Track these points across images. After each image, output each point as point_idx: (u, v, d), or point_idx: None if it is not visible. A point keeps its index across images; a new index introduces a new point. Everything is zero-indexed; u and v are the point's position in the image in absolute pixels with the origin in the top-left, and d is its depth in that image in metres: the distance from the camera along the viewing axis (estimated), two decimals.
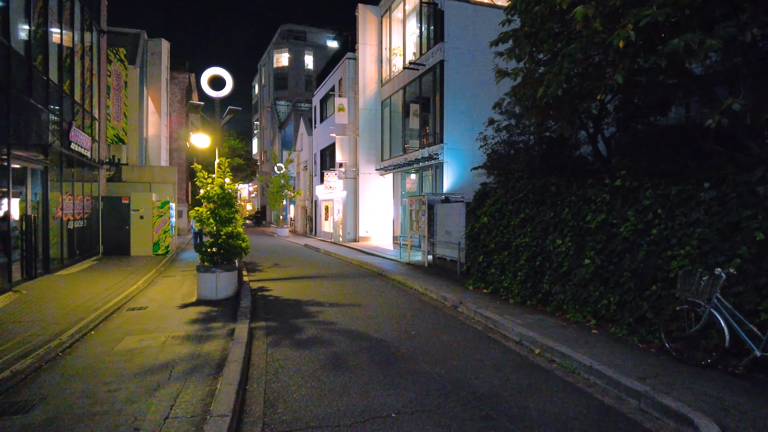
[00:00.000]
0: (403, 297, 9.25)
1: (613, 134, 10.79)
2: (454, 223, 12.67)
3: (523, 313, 7.67)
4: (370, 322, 7.15)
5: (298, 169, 36.24)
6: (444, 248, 13.26)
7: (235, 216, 9.66)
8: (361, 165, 23.28)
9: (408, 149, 20.04)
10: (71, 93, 13.20)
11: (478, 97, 17.36)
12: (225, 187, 9.40)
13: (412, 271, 12.87)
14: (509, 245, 9.27)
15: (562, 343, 5.79)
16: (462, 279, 11.16)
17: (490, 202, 10.12)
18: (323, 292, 9.76)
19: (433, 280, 11.12)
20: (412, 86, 19.73)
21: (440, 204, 13.81)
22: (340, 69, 25.39)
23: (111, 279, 11.09)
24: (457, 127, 17.12)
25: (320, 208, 29.42)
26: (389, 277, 11.79)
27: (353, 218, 23.56)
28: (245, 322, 6.65)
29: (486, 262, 10.03)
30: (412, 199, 15.34)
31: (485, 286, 9.87)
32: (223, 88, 10.71)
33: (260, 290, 10.06)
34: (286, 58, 60.21)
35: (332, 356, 5.49)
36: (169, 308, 8.15)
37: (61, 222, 12.26)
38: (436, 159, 16.97)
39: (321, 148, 29.10)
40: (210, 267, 8.89)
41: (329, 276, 12.09)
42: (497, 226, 9.72)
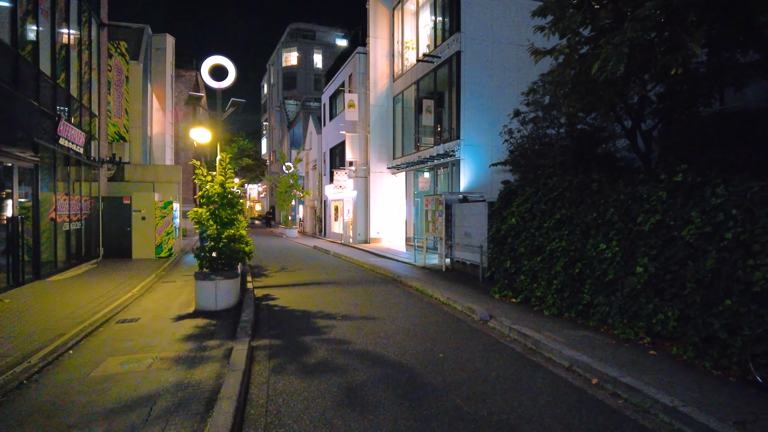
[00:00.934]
0: (423, 308, 8.30)
1: (652, 127, 9.75)
2: (474, 224, 11.70)
3: (563, 328, 6.69)
4: (388, 340, 6.22)
5: (307, 168, 35.42)
6: (463, 251, 12.30)
7: (237, 217, 8.78)
8: (372, 163, 22.36)
9: (421, 147, 19.08)
10: (67, 87, 12.43)
11: (498, 90, 16.38)
12: (226, 186, 8.52)
13: (429, 276, 11.92)
14: (542, 250, 8.29)
15: (621, 369, 4.82)
16: (486, 286, 10.19)
17: (519, 202, 9.14)
18: (334, 301, 8.85)
19: (454, 287, 10.16)
20: (426, 80, 18.76)
21: (458, 204, 12.85)
22: (350, 64, 24.49)
23: (106, 285, 10.28)
24: (474, 123, 16.13)
25: (330, 208, 28.55)
26: (405, 283, 10.85)
27: (364, 219, 22.65)
28: (245, 340, 5.75)
29: (514, 267, 9.05)
30: (428, 198, 14.39)
31: (514, 294, 8.89)
32: (225, 79, 9.88)
33: (265, 299, 9.17)
34: (294, 57, 59.57)
35: (347, 389, 4.55)
36: (163, 320, 7.29)
37: (55, 224, 11.48)
38: (452, 156, 16.00)
39: (330, 146, 28.23)
40: (209, 274, 8.01)
41: (340, 282, 11.18)
42: (527, 228, 8.74)
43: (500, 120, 15.57)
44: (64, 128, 10.26)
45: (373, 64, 22.30)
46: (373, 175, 22.33)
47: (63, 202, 12.12)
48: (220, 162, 8.60)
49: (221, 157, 8.61)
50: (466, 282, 10.86)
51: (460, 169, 15.94)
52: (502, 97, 16.27)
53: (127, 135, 17.00)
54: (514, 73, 16.70)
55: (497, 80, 16.45)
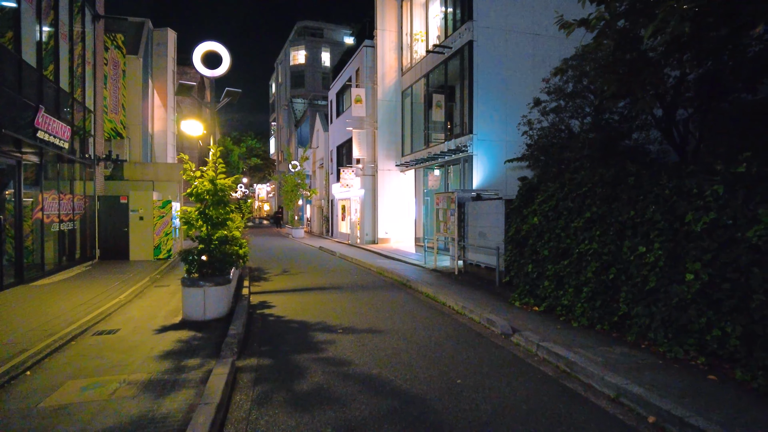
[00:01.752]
0: (435, 318, 7.41)
1: (688, 116, 8.79)
2: (489, 224, 10.81)
3: (597, 343, 5.80)
4: (396, 360, 5.35)
5: (314, 167, 34.67)
6: (477, 253, 11.41)
7: (230, 217, 7.98)
8: (379, 161, 21.51)
9: (431, 143, 18.19)
10: (55, 80, 11.73)
11: (512, 82, 15.44)
12: (217, 183, 7.72)
13: (440, 280, 11.05)
14: (569, 252, 7.38)
15: (682, 402, 3.92)
16: (503, 292, 9.30)
17: (542, 199, 8.24)
18: (336, 309, 8.01)
19: (468, 292, 9.28)
20: (436, 73, 17.87)
21: (472, 202, 11.96)
22: (357, 58, 23.66)
23: (94, 289, 9.56)
24: (487, 117, 15.22)
25: (337, 207, 27.75)
26: (415, 288, 9.99)
27: (372, 218, 21.81)
28: (228, 361, 4.91)
29: (537, 272, 8.15)
30: (439, 196, 13.51)
31: (536, 302, 8.00)
32: (218, 67, 9.11)
33: (261, 306, 8.35)
34: (302, 55, 58.98)
35: (344, 428, 3.70)
36: (144, 332, 6.51)
37: (42, 224, 10.78)
38: (465, 151, 15.10)
39: (337, 144, 27.43)
40: (197, 280, 7.22)
41: (344, 287, 10.34)
42: (552, 228, 7.83)
43: (515, 114, 14.64)
44: (44, 120, 9.53)
45: (380, 57, 21.46)
46: (381, 173, 21.49)
47: (52, 202, 11.42)
48: (211, 156, 7.81)
49: (213, 151, 7.81)
50: (481, 287, 9.98)
51: (473, 165, 15.04)
52: (516, 89, 15.33)
53: (124, 131, 16.31)
54: (529, 63, 15.75)
55: (511, 71, 15.52)
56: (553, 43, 15.72)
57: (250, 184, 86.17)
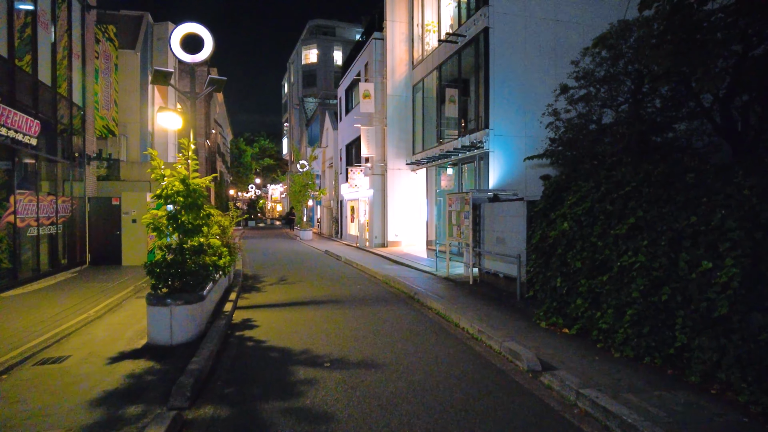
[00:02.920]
0: (445, 345, 6.14)
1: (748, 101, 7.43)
2: (508, 228, 9.55)
3: (651, 385, 4.53)
4: (395, 413, 4.13)
5: (324, 167, 33.63)
6: (495, 261, 10.15)
7: (206, 222, 6.87)
8: (389, 159, 20.31)
9: (443, 141, 16.93)
10: (33, 72, 10.80)
11: (532, 73, 14.12)
12: (190, 183, 6.61)
13: (453, 291, 9.82)
14: (608, 265, 6.10)
15: None
16: (526, 307, 8.03)
17: (573, 200, 6.96)
18: (329, 332, 6.81)
19: (485, 308, 8.04)
20: (449, 65, 16.60)
21: (488, 203, 10.70)
22: (367, 52, 22.50)
23: (66, 302, 8.58)
24: (505, 110, 13.92)
25: (346, 208, 26.62)
26: (423, 303, 8.75)
27: (381, 220, 20.62)
28: (167, 417, 3.75)
29: (566, 287, 6.87)
30: (452, 197, 12.27)
31: (566, 323, 6.73)
32: (200, 51, 8.04)
33: (243, 326, 7.21)
34: (314, 54, 58.20)
35: None
36: (96, 362, 5.42)
37: (14, 228, 9.81)
38: (480, 148, 13.82)
39: (346, 142, 26.31)
40: (164, 297, 6.11)
41: (343, 300, 9.14)
42: (585, 235, 6.55)
43: (535, 107, 13.35)
44: (2, 112, 8.52)
45: (390, 50, 20.26)
46: (390, 172, 20.29)
47: (28, 204, 10.47)
48: (182, 149, 6.69)
49: (181, 143, 6.69)
50: (499, 301, 8.72)
51: (489, 163, 13.75)
52: (537, 80, 14.02)
53: (116, 129, 15.39)
54: (549, 52, 14.40)
55: (531, 61, 14.20)
56: (576, 31, 14.38)
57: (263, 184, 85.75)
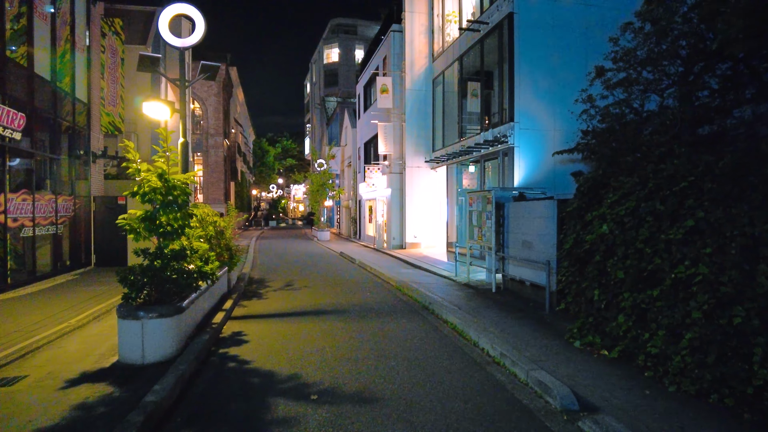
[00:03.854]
0: (460, 374, 5.11)
1: None
2: (536, 230, 8.51)
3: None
4: None
5: (343, 166, 32.89)
6: (520, 267, 9.11)
7: (187, 223, 6.07)
8: (408, 157, 19.36)
9: (465, 137, 15.88)
10: (29, 65, 10.27)
11: (561, 61, 12.99)
12: (170, 179, 5.83)
13: (473, 301, 8.82)
14: (659, 277, 5.04)
15: None
16: (556, 321, 7.00)
17: (614, 199, 5.91)
18: (325, 351, 5.89)
19: (508, 322, 7.04)
20: (471, 55, 15.56)
21: (513, 203, 9.67)
22: (385, 45, 21.60)
23: (52, 308, 7.96)
24: (531, 102, 12.82)
25: (364, 208, 25.78)
26: (438, 315, 7.76)
27: (399, 221, 19.68)
28: None
29: (605, 300, 5.82)
30: (473, 196, 11.27)
31: (605, 343, 5.68)
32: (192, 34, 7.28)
33: (230, 341, 6.39)
34: (336, 53, 57.80)
35: None
36: (50, 385, 4.67)
37: (4, 229, 9.26)
38: (504, 143, 12.76)
39: (365, 140, 25.46)
40: (136, 309, 5.33)
41: (349, 310, 8.21)
42: (629, 240, 5.49)
43: (564, 98, 12.29)
44: None
45: (409, 42, 19.30)
46: (409, 170, 19.33)
47: (21, 203, 9.93)
48: (161, 139, 5.91)
49: (162, 135, 5.91)
50: (525, 313, 7.70)
51: (514, 159, 12.68)
52: (566, 69, 12.89)
53: (122, 125, 14.89)
54: (580, 38, 13.22)
55: (560, 48, 13.05)
56: (610, 14, 13.15)
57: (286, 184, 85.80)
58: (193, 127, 32.34)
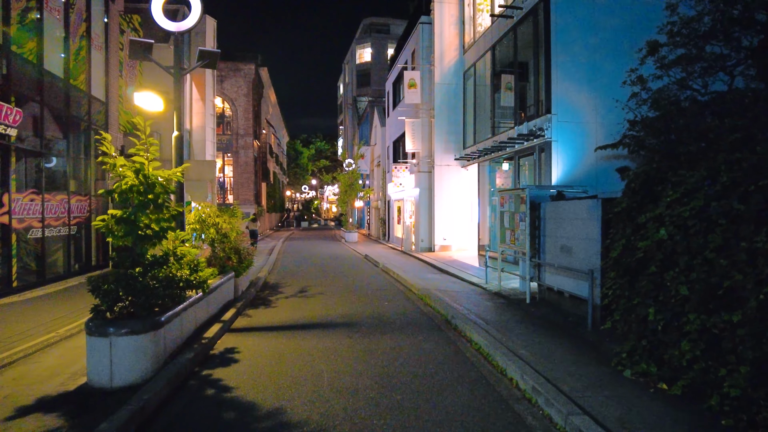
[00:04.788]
0: (481, 415, 4.05)
1: None
2: (576, 234, 7.42)
3: None
4: None
5: (372, 165, 32.15)
6: (558, 275, 8.03)
7: (169, 226, 5.36)
8: (437, 155, 18.36)
9: (498, 132, 14.77)
10: (38, 62, 9.95)
11: (603, 48, 11.73)
12: (150, 175, 5.13)
13: (504, 314, 7.80)
14: (738, 296, 3.94)
15: None
16: (600, 341, 5.92)
17: (674, 197, 4.81)
18: (321, 378, 4.97)
19: (543, 342, 6.02)
20: (504, 45, 14.45)
21: (550, 203, 8.59)
22: (413, 38, 20.69)
23: (47, 315, 7.50)
24: (570, 93, 11.64)
25: (393, 209, 24.91)
26: (462, 332, 6.77)
27: (428, 222, 18.70)
28: None
29: (663, 321, 4.73)
30: (505, 195, 10.22)
31: (664, 374, 4.60)
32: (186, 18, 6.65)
33: (218, 361, 5.63)
34: (368, 53, 57.36)
35: None
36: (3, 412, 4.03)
37: (8, 230, 8.90)
38: (541, 137, 11.62)
39: (393, 138, 24.60)
40: (105, 325, 4.64)
41: (361, 324, 7.28)
42: (695, 247, 4.39)
43: (607, 87, 11.17)
44: None
45: (438, 34, 18.32)
46: (438, 169, 18.32)
47: (28, 203, 9.59)
48: (138, 133, 5.23)
49: (140, 126, 5.22)
50: (563, 330, 6.64)
51: (551, 155, 11.52)
52: (608, 54, 11.65)
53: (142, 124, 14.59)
54: (626, 15, 11.85)
55: (601, 30, 11.79)
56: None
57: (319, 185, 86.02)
58: (223, 127, 32.35)
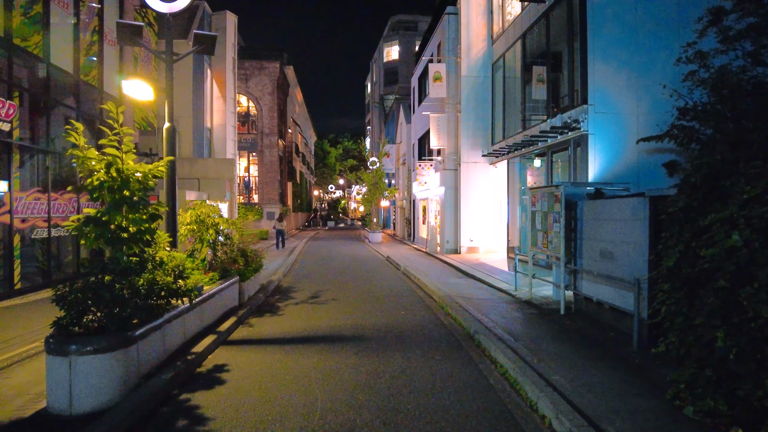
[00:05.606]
0: None
1: None
2: (619, 237, 6.46)
3: None
4: None
5: (397, 164, 31.35)
6: (597, 283, 7.07)
7: (148, 227, 4.71)
8: (463, 151, 17.40)
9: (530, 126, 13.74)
10: (45, 55, 9.60)
11: (648, 29, 10.57)
12: (123, 169, 4.50)
13: (535, 328, 6.89)
14: None
15: None
16: (648, 364, 4.98)
17: (752, 194, 3.85)
18: (315, 408, 4.17)
19: (581, 366, 5.11)
20: (535, 33, 13.42)
21: (588, 201, 7.63)
22: (439, 30, 19.78)
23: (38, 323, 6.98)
24: (608, 80, 10.55)
25: (417, 208, 24.05)
26: (486, 350, 5.88)
27: (453, 222, 17.77)
28: None
29: (736, 348, 3.77)
30: (536, 193, 9.26)
31: (739, 416, 3.65)
32: None
33: (202, 382, 4.96)
34: (396, 51, 56.69)
35: None
36: None
37: (10, 230, 8.53)
38: (576, 129, 10.58)
39: (419, 136, 23.74)
40: (66, 342, 4.02)
41: (370, 338, 6.43)
42: None
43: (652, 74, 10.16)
44: None
45: (465, 25, 17.36)
46: (464, 166, 17.37)
47: (33, 202, 9.23)
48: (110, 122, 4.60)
49: (111, 113, 4.58)
50: (604, 349, 5.70)
51: (588, 149, 10.47)
52: (651, 40, 10.50)
53: (155, 122, 14.25)
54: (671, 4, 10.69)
55: (643, 12, 10.63)
56: None
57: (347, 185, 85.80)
58: (248, 126, 32.19)
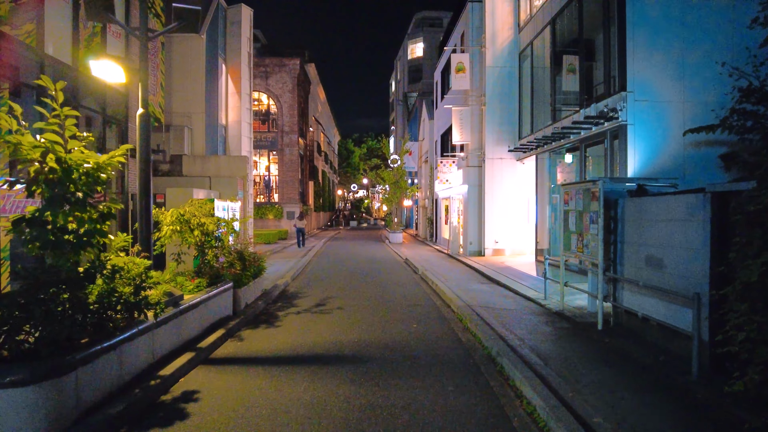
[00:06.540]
0: None
1: None
2: (669, 241, 5.39)
3: None
4: None
5: (420, 162, 30.36)
6: (641, 295, 6.00)
7: (99, 228, 3.93)
8: (488, 147, 16.30)
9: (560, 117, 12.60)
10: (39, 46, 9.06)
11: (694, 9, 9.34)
12: (67, 159, 3.73)
13: (567, 347, 5.87)
14: None
15: None
16: (714, 398, 3.94)
17: None
18: None
19: (626, 400, 4.11)
20: (566, 16, 12.28)
21: (630, 200, 6.56)
22: (462, 20, 18.73)
23: None
24: (649, 65, 9.38)
25: (440, 208, 23.02)
26: (510, 379, 4.86)
27: (477, 223, 16.69)
28: None
29: None
30: (570, 191, 8.18)
31: None
32: None
33: (159, 415, 4.16)
34: (420, 48, 55.76)
35: None
36: None
37: None
38: (614, 119, 9.44)
39: (441, 132, 22.71)
40: None
41: (373, 358, 5.48)
42: None
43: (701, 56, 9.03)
44: None
45: (490, 12, 16.27)
46: (489, 162, 16.27)
47: (24, 200, 8.68)
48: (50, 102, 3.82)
49: (50, 89, 3.81)
50: (653, 376, 4.66)
51: (627, 141, 9.32)
52: (701, 19, 9.28)
53: (162, 116, 13.71)
54: None
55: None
56: None
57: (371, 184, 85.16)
58: (268, 125, 31.72)
